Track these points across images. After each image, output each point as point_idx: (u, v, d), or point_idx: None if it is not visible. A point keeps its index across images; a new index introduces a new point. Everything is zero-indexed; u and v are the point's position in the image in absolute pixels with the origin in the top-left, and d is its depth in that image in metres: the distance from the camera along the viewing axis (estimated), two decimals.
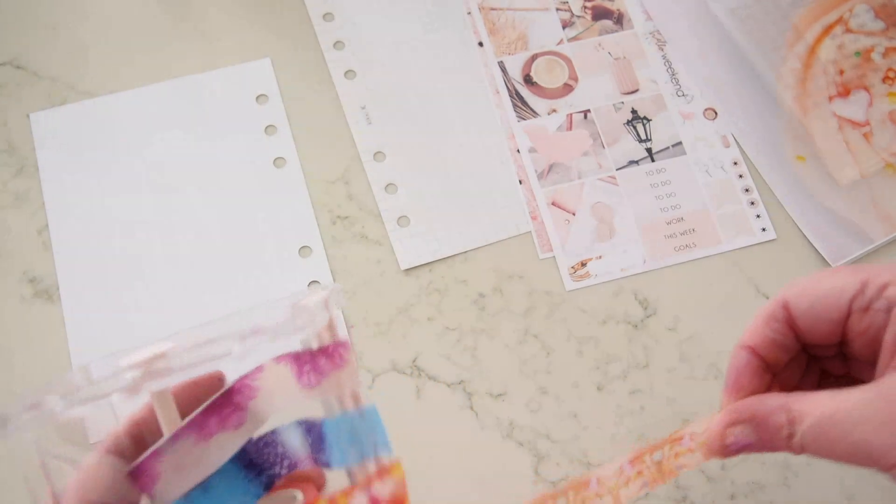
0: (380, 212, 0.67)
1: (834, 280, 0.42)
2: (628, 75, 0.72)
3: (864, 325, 0.41)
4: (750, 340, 0.44)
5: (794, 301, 0.43)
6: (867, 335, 0.41)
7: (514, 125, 0.70)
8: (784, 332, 0.44)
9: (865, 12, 0.72)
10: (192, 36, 0.73)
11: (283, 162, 0.69)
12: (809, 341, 0.44)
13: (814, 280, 0.43)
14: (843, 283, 0.42)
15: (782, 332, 0.44)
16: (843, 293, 0.41)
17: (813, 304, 0.42)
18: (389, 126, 0.70)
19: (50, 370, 0.63)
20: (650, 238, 0.66)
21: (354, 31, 0.73)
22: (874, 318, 0.41)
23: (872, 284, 0.41)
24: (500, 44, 0.73)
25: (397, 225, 0.67)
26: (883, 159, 0.68)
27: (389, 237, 0.67)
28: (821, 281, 0.43)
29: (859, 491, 0.59)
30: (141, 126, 0.70)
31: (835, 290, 0.42)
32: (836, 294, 0.42)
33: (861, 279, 0.41)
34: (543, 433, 0.61)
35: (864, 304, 0.41)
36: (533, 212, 0.67)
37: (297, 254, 0.66)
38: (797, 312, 0.43)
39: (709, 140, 0.69)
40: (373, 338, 0.64)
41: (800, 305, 0.43)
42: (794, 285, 0.43)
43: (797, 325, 0.43)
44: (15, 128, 0.70)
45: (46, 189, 0.67)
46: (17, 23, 0.74)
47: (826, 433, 0.39)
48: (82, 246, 0.66)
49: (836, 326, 0.42)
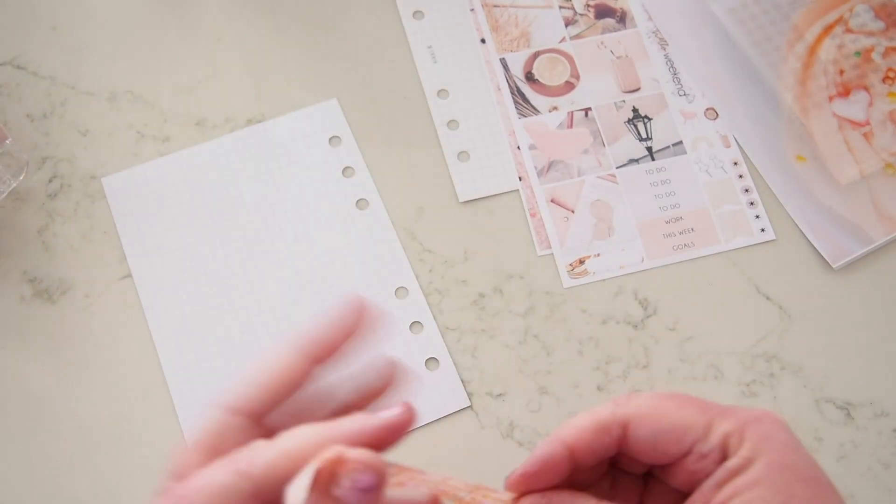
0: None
1: (681, 415, 0.41)
2: (630, 74, 0.72)
3: (696, 468, 0.41)
4: (572, 441, 0.42)
5: (636, 425, 0.41)
6: (693, 476, 0.41)
7: (514, 122, 0.70)
8: (610, 447, 0.42)
9: (865, 12, 0.72)
10: (193, 36, 0.73)
11: (365, 203, 0.68)
12: (638, 459, 0.43)
13: (658, 407, 0.42)
14: (690, 423, 0.41)
15: (609, 446, 0.42)
16: (687, 433, 0.41)
17: (655, 434, 0.41)
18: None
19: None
20: (649, 237, 0.66)
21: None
22: (707, 465, 0.40)
23: (716, 432, 0.40)
24: (503, 41, 0.73)
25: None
26: (883, 159, 0.68)
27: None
28: (667, 412, 0.41)
29: (859, 491, 0.59)
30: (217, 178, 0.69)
31: (680, 427, 0.41)
32: (681, 432, 0.41)
33: (706, 421, 0.41)
34: (543, 433, 0.61)
35: (705, 450, 0.40)
36: (532, 208, 0.67)
37: (394, 295, 0.65)
38: (635, 436, 0.42)
39: (709, 140, 0.69)
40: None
41: (640, 431, 0.41)
42: (637, 404, 0.42)
43: (629, 445, 0.42)
44: (15, 128, 0.70)
45: (129, 252, 0.67)
46: (17, 23, 0.74)
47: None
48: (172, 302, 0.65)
49: (670, 459, 0.41)
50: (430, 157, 0.70)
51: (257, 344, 0.64)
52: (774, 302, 0.65)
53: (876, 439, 0.61)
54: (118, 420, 0.62)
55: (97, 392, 0.62)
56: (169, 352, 0.64)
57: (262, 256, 0.66)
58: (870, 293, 0.65)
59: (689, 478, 0.41)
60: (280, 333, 0.64)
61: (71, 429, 0.62)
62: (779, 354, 0.63)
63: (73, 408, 0.62)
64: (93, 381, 0.63)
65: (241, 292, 0.65)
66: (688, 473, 0.41)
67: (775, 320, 0.64)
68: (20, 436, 0.61)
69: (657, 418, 0.41)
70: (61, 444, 0.61)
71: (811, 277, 0.65)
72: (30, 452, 0.61)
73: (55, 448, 0.61)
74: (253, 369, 0.41)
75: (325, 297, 0.65)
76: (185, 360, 0.63)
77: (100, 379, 0.63)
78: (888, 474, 0.60)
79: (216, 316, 0.65)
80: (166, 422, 0.62)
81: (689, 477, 0.41)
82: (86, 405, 0.62)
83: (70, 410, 0.62)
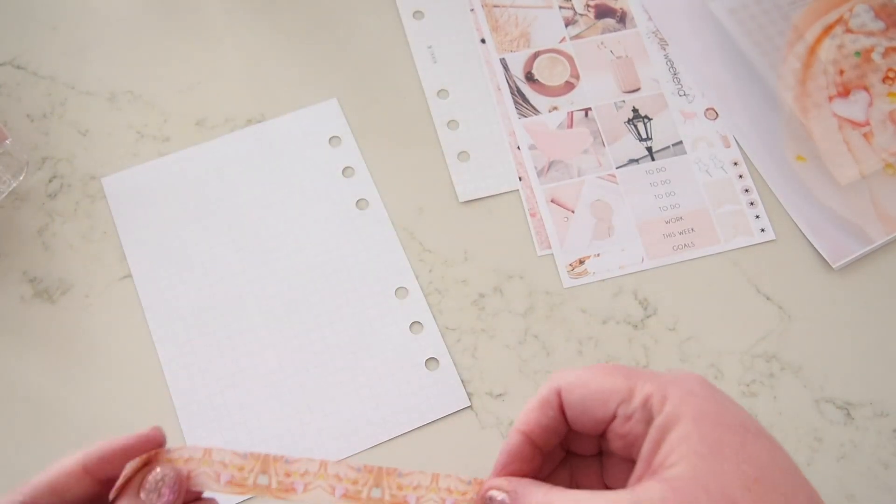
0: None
1: (605, 381, 0.43)
2: (630, 74, 0.72)
3: (625, 430, 0.42)
4: (524, 426, 0.45)
5: (566, 391, 0.44)
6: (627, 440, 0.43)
7: (514, 122, 0.70)
8: (556, 418, 0.44)
9: (865, 12, 0.72)
10: (193, 36, 0.73)
11: (365, 203, 0.68)
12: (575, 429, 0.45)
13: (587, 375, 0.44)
14: (613, 387, 0.43)
15: (555, 418, 0.44)
16: (611, 397, 0.43)
17: (583, 399, 0.43)
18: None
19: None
20: (649, 237, 0.66)
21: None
22: (634, 427, 0.42)
23: (638, 394, 0.42)
24: (503, 41, 0.73)
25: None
26: (883, 159, 0.68)
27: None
28: (594, 378, 0.44)
29: (859, 491, 0.59)
30: (216, 178, 0.69)
31: (604, 391, 0.43)
32: (605, 396, 0.43)
33: (629, 386, 0.42)
34: None
35: (629, 412, 0.42)
36: (532, 208, 0.67)
37: (394, 295, 0.65)
38: (568, 401, 0.44)
39: (709, 140, 0.69)
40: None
41: (572, 396, 0.44)
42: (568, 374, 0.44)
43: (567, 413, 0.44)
44: (15, 128, 0.70)
45: (129, 252, 0.67)
46: (17, 23, 0.74)
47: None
48: (172, 302, 0.65)
49: (600, 425, 0.43)
50: (430, 157, 0.70)
51: (257, 344, 0.64)
52: (774, 302, 0.65)
53: (876, 439, 0.61)
54: (118, 420, 0.62)
55: (97, 392, 0.62)
56: (169, 352, 0.64)
57: (262, 256, 0.66)
58: (870, 293, 0.65)
59: (624, 442, 0.43)
60: (279, 333, 0.64)
61: (71, 429, 0.62)
62: (779, 354, 0.63)
63: (73, 408, 0.62)
64: (93, 381, 0.63)
65: (240, 292, 0.65)
66: (621, 438, 0.43)
67: (775, 320, 0.64)
68: (20, 436, 0.61)
69: (584, 385, 0.43)
70: (61, 443, 0.61)
71: (811, 277, 0.65)
72: (30, 452, 0.61)
73: (55, 448, 0.61)
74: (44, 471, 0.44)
75: (324, 296, 0.65)
76: (185, 360, 0.63)
77: (100, 379, 0.63)
78: (888, 474, 0.60)
79: (216, 316, 0.65)
80: (166, 422, 0.62)
81: (624, 441, 0.43)
82: (86, 405, 0.62)
83: (70, 410, 0.62)
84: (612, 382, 0.43)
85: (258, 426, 0.61)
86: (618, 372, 0.44)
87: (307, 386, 0.62)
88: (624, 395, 0.43)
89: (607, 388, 0.43)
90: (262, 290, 0.65)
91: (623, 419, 0.42)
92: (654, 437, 0.41)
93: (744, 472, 0.39)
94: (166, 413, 0.62)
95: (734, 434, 0.40)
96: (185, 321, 0.64)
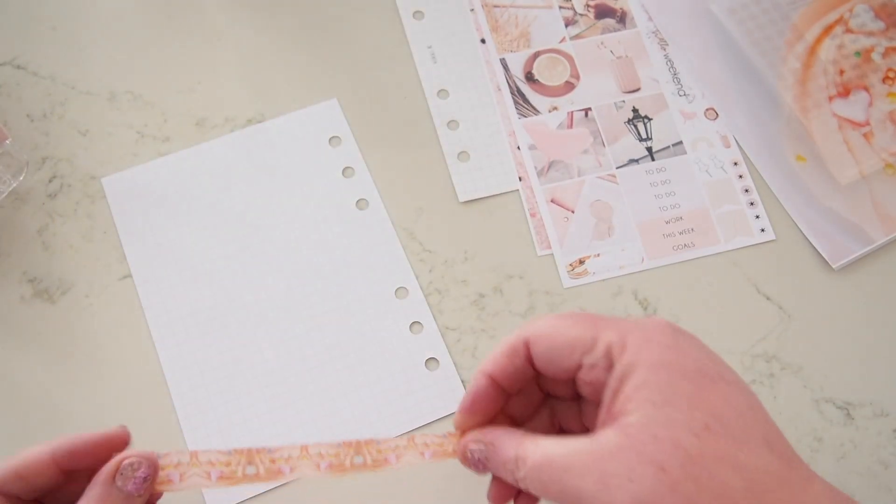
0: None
1: (570, 331, 0.45)
2: (630, 74, 0.72)
3: (590, 378, 0.44)
4: (490, 369, 0.47)
5: (534, 342, 0.46)
6: (594, 387, 0.44)
7: (514, 122, 0.70)
8: (523, 366, 0.46)
9: (865, 12, 0.72)
10: (193, 36, 0.73)
11: (365, 203, 0.68)
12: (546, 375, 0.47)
13: (554, 325, 0.45)
14: (577, 337, 0.44)
15: (521, 365, 0.46)
16: (575, 347, 0.44)
17: (550, 349, 0.45)
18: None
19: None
20: (649, 237, 0.66)
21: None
22: (599, 375, 0.43)
23: (601, 342, 0.43)
24: (503, 41, 0.73)
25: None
26: (883, 159, 0.68)
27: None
28: (559, 329, 0.45)
29: (859, 491, 0.59)
30: (217, 178, 0.69)
31: (569, 342, 0.44)
32: (570, 346, 0.44)
33: (593, 335, 0.44)
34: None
35: (592, 361, 0.44)
36: (532, 209, 0.67)
37: (394, 295, 0.65)
38: (535, 352, 0.46)
39: (709, 140, 0.69)
40: None
41: (538, 347, 0.45)
42: (537, 324, 0.46)
43: (535, 363, 0.46)
44: (15, 128, 0.70)
45: (129, 252, 0.67)
46: (17, 23, 0.74)
47: (540, 476, 0.42)
48: (172, 302, 0.65)
49: (568, 373, 0.45)
50: (430, 157, 0.70)
51: (257, 344, 0.64)
52: (774, 302, 0.65)
53: (876, 439, 0.61)
54: (118, 420, 0.61)
55: (97, 392, 0.62)
56: (169, 352, 0.64)
57: (262, 256, 0.66)
58: (870, 293, 0.65)
59: (592, 389, 0.45)
60: (280, 333, 0.64)
61: (71, 428, 0.62)
62: (779, 354, 0.63)
63: (73, 408, 0.62)
64: (93, 381, 0.63)
65: (240, 292, 0.65)
66: (588, 385, 0.45)
67: (775, 320, 0.64)
68: (20, 436, 0.61)
69: (551, 335, 0.45)
70: None
71: (811, 277, 0.65)
72: None
73: None
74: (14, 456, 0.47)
75: (324, 296, 0.65)
76: (185, 360, 0.63)
77: (100, 379, 0.63)
78: (888, 474, 0.60)
79: (216, 316, 0.65)
80: (166, 422, 0.62)
81: (592, 388, 0.45)
82: (86, 405, 0.62)
83: (70, 410, 0.62)
84: (577, 332, 0.44)
85: (258, 426, 0.61)
86: (584, 321, 0.45)
87: (307, 386, 0.62)
88: (588, 344, 0.44)
89: (572, 339, 0.44)
90: (262, 290, 0.65)
91: (588, 368, 0.44)
92: (613, 386, 0.42)
93: (694, 419, 0.40)
94: (166, 413, 0.62)
95: (689, 381, 0.41)
96: (185, 321, 0.64)
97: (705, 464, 0.39)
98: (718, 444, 0.40)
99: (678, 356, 0.42)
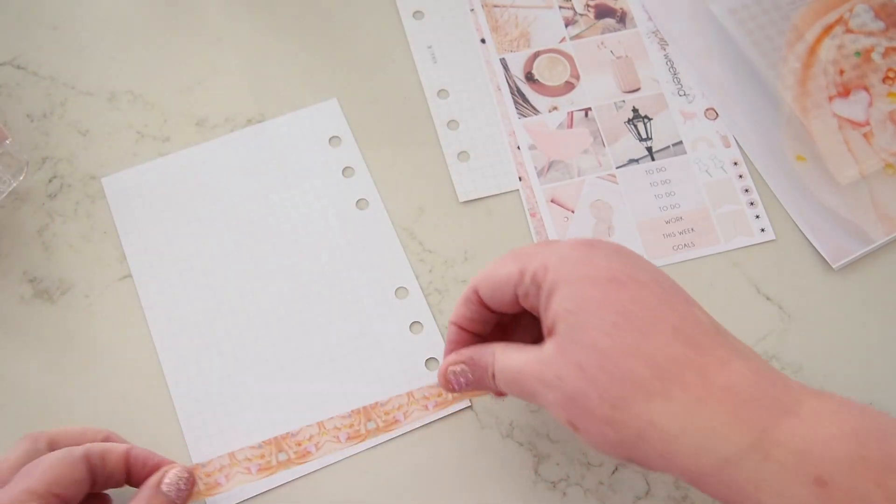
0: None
1: (503, 270, 0.51)
2: (630, 74, 0.72)
3: (529, 305, 0.50)
4: (455, 319, 0.55)
5: (479, 287, 0.53)
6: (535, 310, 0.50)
7: (514, 122, 0.70)
8: (479, 311, 0.54)
9: (865, 12, 0.72)
10: (193, 36, 0.73)
11: (365, 203, 0.68)
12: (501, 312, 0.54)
13: (491, 269, 0.52)
14: (508, 273, 0.50)
15: (478, 310, 0.54)
16: (508, 282, 0.50)
17: (492, 290, 0.52)
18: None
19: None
20: (649, 237, 0.66)
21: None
22: (533, 301, 0.50)
23: (528, 273, 0.49)
24: (503, 41, 0.73)
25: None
26: (883, 159, 0.68)
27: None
28: (495, 270, 0.51)
29: None
30: (216, 178, 0.69)
31: (502, 278, 0.51)
32: (504, 283, 0.51)
33: (520, 268, 0.50)
34: (543, 433, 0.61)
35: (524, 290, 0.50)
36: (532, 209, 0.67)
37: (394, 295, 0.65)
38: (483, 296, 0.53)
39: (709, 140, 0.69)
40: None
41: (483, 291, 0.52)
42: (482, 272, 0.53)
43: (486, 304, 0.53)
44: (15, 128, 0.70)
45: (129, 252, 0.66)
46: (17, 23, 0.74)
47: (506, 379, 0.50)
48: (172, 302, 0.65)
49: (513, 306, 0.51)
50: (430, 157, 0.70)
51: (257, 344, 0.64)
52: (774, 302, 0.65)
53: None
54: (118, 420, 0.61)
55: (97, 392, 0.62)
56: (169, 352, 0.64)
57: (262, 256, 0.66)
58: (870, 293, 0.65)
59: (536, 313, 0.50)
60: (280, 333, 0.64)
61: None
62: (779, 354, 0.63)
63: (73, 408, 0.62)
64: (93, 381, 0.63)
65: (240, 292, 0.65)
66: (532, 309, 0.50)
67: (775, 320, 0.64)
68: (20, 436, 0.61)
69: (488, 278, 0.52)
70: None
71: (811, 277, 0.65)
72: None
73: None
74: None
75: (324, 296, 0.65)
76: (185, 360, 0.63)
77: (100, 379, 0.63)
78: None
79: (216, 316, 0.65)
80: (166, 422, 0.62)
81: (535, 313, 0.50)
82: (86, 405, 0.62)
83: (70, 410, 0.62)
84: (508, 269, 0.51)
85: (258, 426, 0.61)
86: (513, 258, 0.51)
87: (307, 386, 0.62)
88: (517, 278, 0.50)
89: (504, 276, 0.51)
90: (262, 289, 0.65)
91: (523, 297, 0.50)
92: (544, 305, 0.49)
93: (603, 319, 0.46)
94: (166, 413, 0.62)
95: (598, 288, 0.47)
96: (185, 321, 0.64)
97: (615, 357, 0.45)
98: (625, 338, 0.45)
99: (589, 268, 0.48)
